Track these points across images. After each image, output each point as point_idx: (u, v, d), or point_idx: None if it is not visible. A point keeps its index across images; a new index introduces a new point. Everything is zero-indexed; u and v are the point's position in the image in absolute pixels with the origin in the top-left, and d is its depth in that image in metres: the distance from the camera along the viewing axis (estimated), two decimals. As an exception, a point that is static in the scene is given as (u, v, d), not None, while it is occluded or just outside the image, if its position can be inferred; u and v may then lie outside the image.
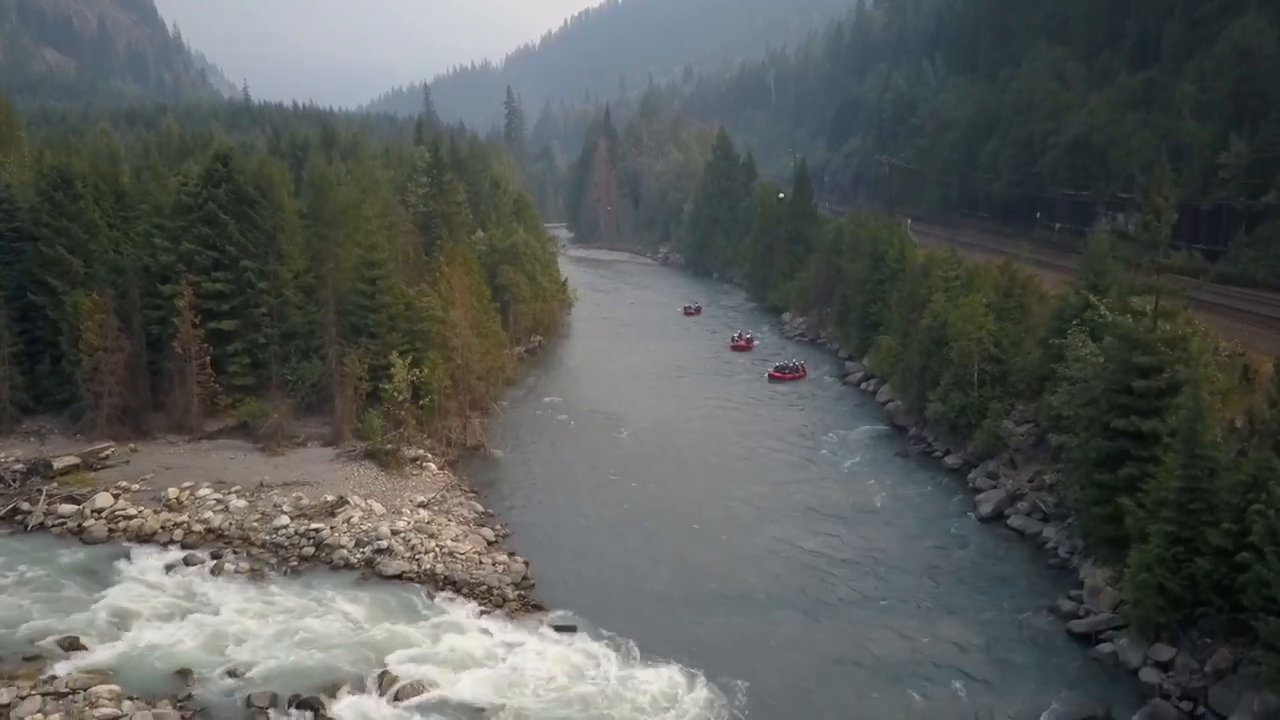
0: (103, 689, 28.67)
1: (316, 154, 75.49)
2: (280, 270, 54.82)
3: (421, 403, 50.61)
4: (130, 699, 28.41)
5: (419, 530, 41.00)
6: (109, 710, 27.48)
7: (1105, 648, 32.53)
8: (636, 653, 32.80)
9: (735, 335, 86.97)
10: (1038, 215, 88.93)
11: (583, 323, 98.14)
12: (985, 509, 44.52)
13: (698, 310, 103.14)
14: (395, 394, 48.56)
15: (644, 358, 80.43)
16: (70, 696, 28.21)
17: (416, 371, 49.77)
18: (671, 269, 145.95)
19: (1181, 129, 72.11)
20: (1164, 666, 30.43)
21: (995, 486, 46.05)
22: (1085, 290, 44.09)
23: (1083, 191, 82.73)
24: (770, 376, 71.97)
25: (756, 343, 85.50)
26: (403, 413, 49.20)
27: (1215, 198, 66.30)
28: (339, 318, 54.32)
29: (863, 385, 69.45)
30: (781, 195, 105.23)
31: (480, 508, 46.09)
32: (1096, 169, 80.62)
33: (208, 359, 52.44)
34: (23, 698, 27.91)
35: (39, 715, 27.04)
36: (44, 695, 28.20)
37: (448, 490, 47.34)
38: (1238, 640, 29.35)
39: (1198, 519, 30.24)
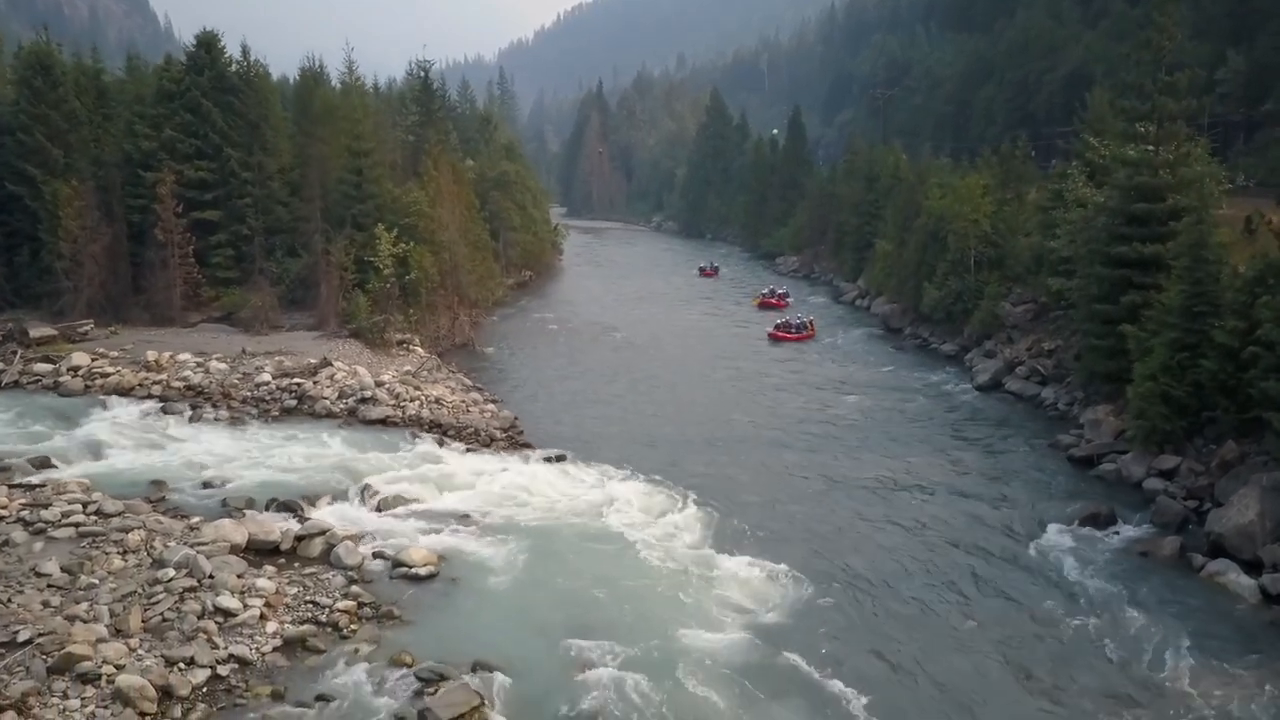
0: (71, 480, 27.62)
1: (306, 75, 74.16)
2: (266, 161, 53.76)
3: (407, 278, 49.46)
4: (100, 493, 27.32)
5: (404, 383, 39.97)
6: (77, 495, 26.39)
7: (1107, 467, 31.82)
8: (626, 476, 31.87)
9: (766, 291, 71.21)
10: (1032, 154, 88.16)
11: (574, 267, 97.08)
12: (982, 378, 43.75)
13: (714, 271, 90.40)
14: (381, 267, 47.48)
15: (638, 301, 77.75)
16: (38, 489, 27.12)
17: (403, 246, 48.70)
18: (664, 234, 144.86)
19: (1180, 48, 71.54)
20: (1168, 475, 29.61)
21: (993, 359, 45.27)
22: (1086, 135, 43.39)
23: (1079, 125, 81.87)
24: (771, 337, 57.47)
25: (791, 300, 70.16)
26: (388, 286, 48.07)
27: (1213, 113, 65.79)
28: (325, 209, 53.32)
29: (857, 302, 68.83)
30: (776, 131, 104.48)
31: (469, 382, 45.06)
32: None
33: (190, 248, 51.32)
34: (-13, 487, 26.82)
35: (4, 500, 25.90)
36: (10, 487, 27.11)
37: (435, 369, 46.29)
38: (1244, 440, 28.57)
39: (1203, 321, 29.49)
